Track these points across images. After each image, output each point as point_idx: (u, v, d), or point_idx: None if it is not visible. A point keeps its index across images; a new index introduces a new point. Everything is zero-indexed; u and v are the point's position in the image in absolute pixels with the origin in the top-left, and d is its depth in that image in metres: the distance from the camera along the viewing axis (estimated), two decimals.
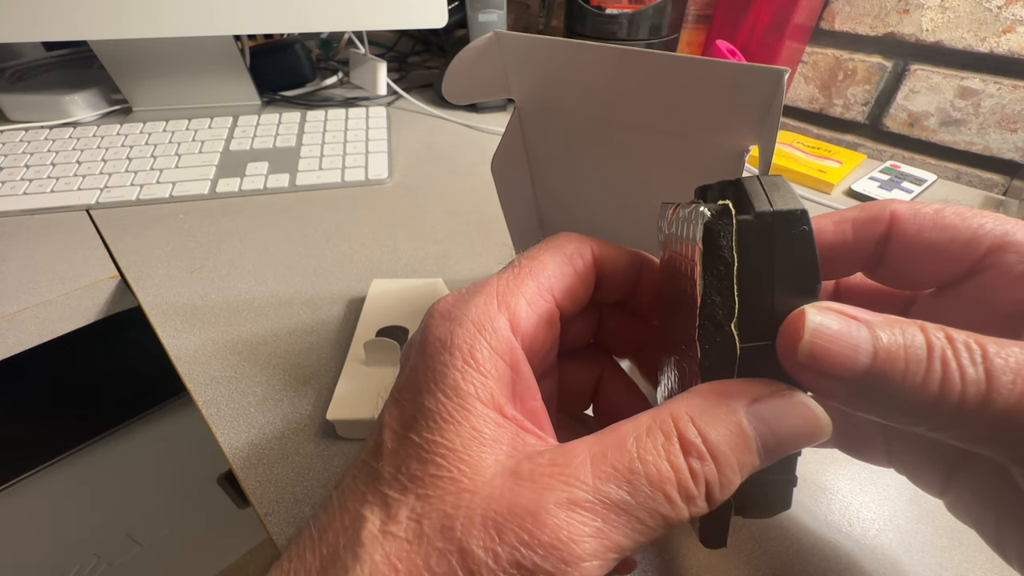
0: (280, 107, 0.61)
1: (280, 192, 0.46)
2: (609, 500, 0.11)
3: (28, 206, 0.42)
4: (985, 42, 0.46)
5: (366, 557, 0.11)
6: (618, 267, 0.17)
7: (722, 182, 0.14)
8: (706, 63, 0.17)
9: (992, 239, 0.13)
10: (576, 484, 0.11)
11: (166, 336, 0.31)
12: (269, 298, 0.34)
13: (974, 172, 0.51)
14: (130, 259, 0.37)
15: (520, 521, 0.11)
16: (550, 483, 0.11)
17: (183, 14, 0.48)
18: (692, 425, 0.11)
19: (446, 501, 0.11)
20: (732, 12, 0.53)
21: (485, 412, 0.12)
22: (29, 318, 0.33)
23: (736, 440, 0.11)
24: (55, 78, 0.58)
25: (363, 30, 0.61)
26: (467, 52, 0.21)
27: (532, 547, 0.10)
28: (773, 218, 0.12)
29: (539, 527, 0.10)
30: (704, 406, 0.12)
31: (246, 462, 0.24)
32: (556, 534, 0.10)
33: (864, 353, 0.11)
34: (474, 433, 0.12)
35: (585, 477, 0.11)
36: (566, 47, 0.20)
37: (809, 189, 0.48)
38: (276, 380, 0.28)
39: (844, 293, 0.18)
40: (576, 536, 0.10)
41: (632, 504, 0.11)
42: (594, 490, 0.11)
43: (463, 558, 0.11)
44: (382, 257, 0.37)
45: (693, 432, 0.11)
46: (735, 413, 0.12)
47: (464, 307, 0.13)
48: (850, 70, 0.54)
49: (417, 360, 0.13)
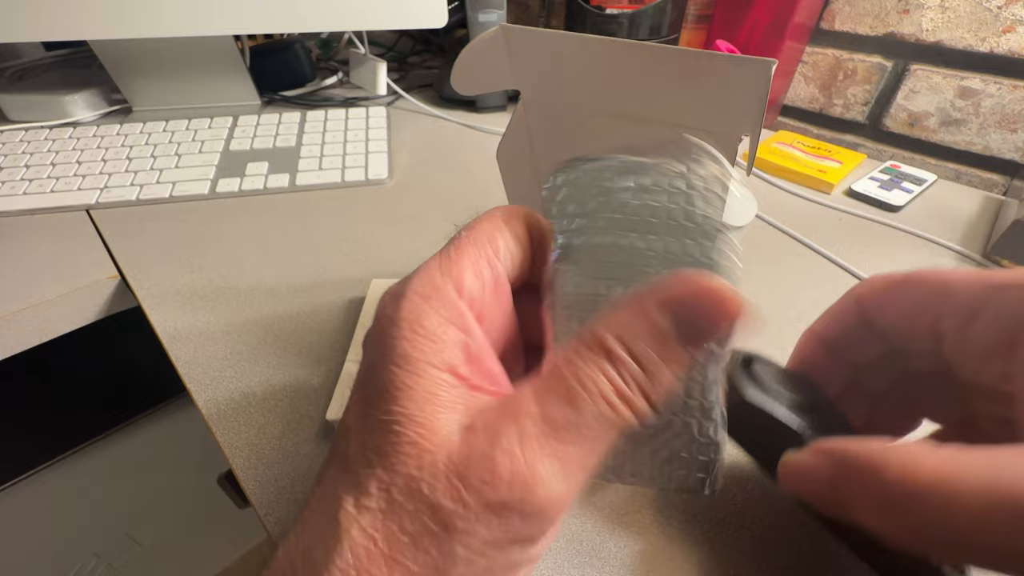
0: (280, 107, 0.61)
1: (280, 192, 0.46)
2: (557, 422, 0.12)
3: (28, 206, 0.42)
4: (985, 42, 0.46)
5: (344, 534, 0.12)
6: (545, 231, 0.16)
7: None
8: (698, 55, 0.18)
9: (933, 311, 0.16)
10: (524, 420, 0.12)
11: (166, 336, 0.31)
12: (269, 298, 0.34)
13: (974, 172, 0.51)
14: (130, 259, 0.37)
15: (480, 465, 0.11)
16: (502, 427, 0.12)
17: (183, 14, 0.48)
18: (610, 336, 0.12)
19: (408, 465, 0.12)
20: (732, 12, 0.53)
21: (438, 375, 0.12)
22: (29, 318, 0.33)
23: (655, 336, 0.12)
24: (55, 78, 0.58)
25: (363, 30, 0.61)
26: (475, 45, 0.22)
27: (496, 485, 0.11)
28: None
29: (497, 465, 0.11)
30: (622, 317, 0.13)
31: (246, 462, 0.24)
32: (514, 466, 0.11)
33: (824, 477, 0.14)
34: (428, 396, 0.12)
35: (531, 410, 0.12)
36: (568, 40, 0.20)
37: (809, 189, 0.47)
38: (276, 380, 0.28)
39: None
40: (533, 461, 0.11)
41: (578, 420, 0.12)
42: (541, 418, 0.12)
43: (434, 514, 0.11)
44: (382, 257, 0.37)
45: (615, 344, 0.12)
46: (649, 313, 0.12)
47: (408, 282, 0.14)
48: (850, 70, 0.54)
49: (371, 340, 0.14)
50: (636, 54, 0.19)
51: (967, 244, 0.40)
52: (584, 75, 0.21)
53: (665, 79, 0.19)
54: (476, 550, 0.11)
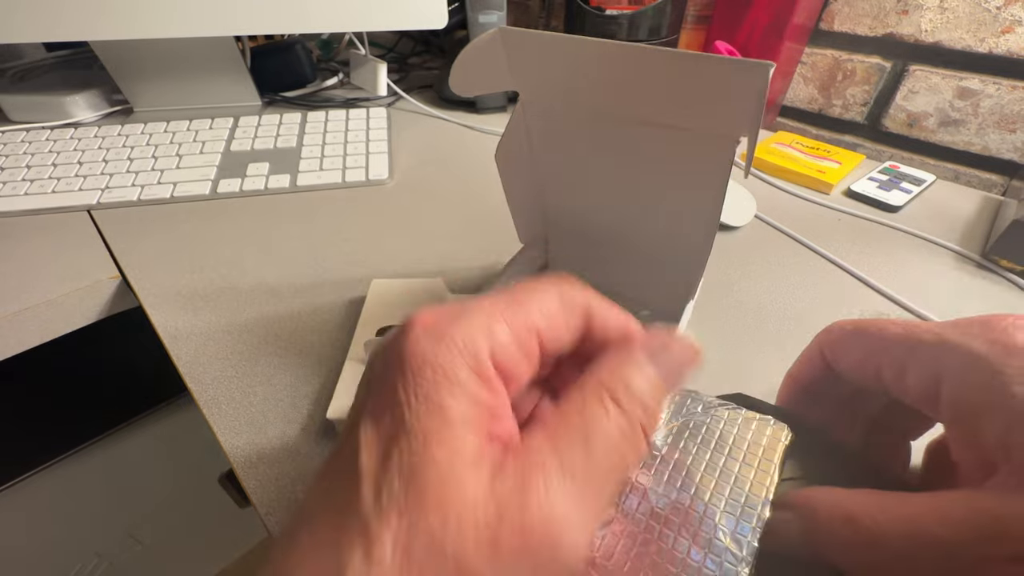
0: (281, 108, 0.61)
1: (281, 193, 0.46)
2: (576, 469, 0.12)
3: (29, 206, 0.42)
4: (984, 43, 0.46)
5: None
6: (607, 327, 0.16)
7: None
8: (696, 57, 0.18)
9: (872, 367, 0.18)
10: (548, 474, 0.12)
11: (167, 336, 0.31)
12: (270, 298, 0.34)
13: (973, 172, 0.51)
14: (131, 259, 0.37)
15: (511, 525, 0.11)
16: (525, 484, 0.12)
17: (184, 15, 0.48)
18: (617, 383, 0.14)
19: (431, 520, 0.11)
20: (731, 13, 0.53)
21: (465, 432, 0.12)
22: (30, 318, 0.33)
23: (648, 383, 0.14)
24: (56, 79, 0.58)
25: (363, 31, 0.61)
26: (473, 46, 0.23)
27: (527, 545, 0.11)
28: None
29: (529, 520, 0.11)
30: (617, 364, 0.14)
31: (247, 461, 0.24)
32: (546, 526, 0.11)
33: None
34: (456, 453, 0.12)
35: (551, 464, 0.12)
36: (566, 42, 0.20)
37: (808, 189, 0.48)
38: (277, 380, 0.28)
39: None
40: (561, 514, 0.12)
41: (594, 463, 0.12)
42: (561, 469, 0.12)
43: (459, 573, 0.11)
44: (383, 257, 0.37)
45: (620, 388, 0.13)
46: (641, 365, 0.14)
47: (448, 326, 0.13)
48: (849, 71, 0.54)
49: (397, 375, 0.13)
50: (633, 56, 0.19)
51: (966, 244, 0.40)
52: (582, 77, 0.22)
53: (662, 81, 0.20)
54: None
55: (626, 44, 0.19)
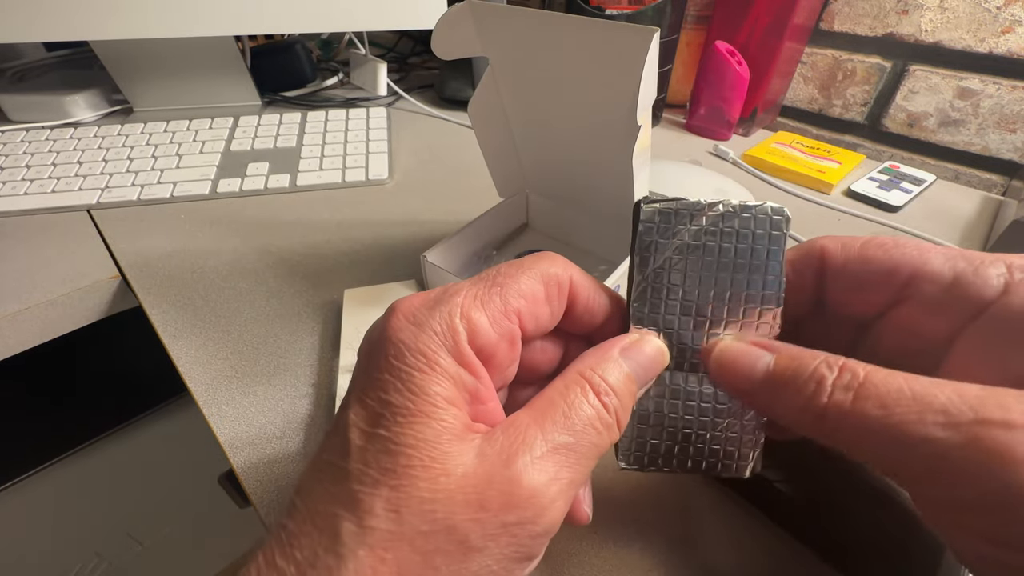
0: (281, 107, 0.61)
1: (281, 192, 0.46)
2: (558, 445, 0.13)
3: (29, 206, 0.42)
4: (984, 43, 0.46)
5: (349, 555, 0.11)
6: (591, 304, 0.17)
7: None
8: (594, 23, 0.23)
9: (909, 270, 0.15)
10: (532, 444, 0.13)
11: (167, 336, 0.31)
12: (270, 298, 0.34)
13: (973, 172, 0.51)
14: (131, 259, 0.37)
15: (499, 488, 0.12)
16: (512, 451, 0.13)
17: (184, 15, 0.48)
18: (596, 375, 0.15)
19: (421, 488, 0.12)
20: (731, 13, 0.53)
21: (449, 411, 0.13)
22: (30, 318, 0.33)
23: (622, 376, 0.15)
24: (56, 78, 0.58)
25: (363, 31, 0.61)
26: (446, 16, 0.27)
27: (514, 505, 0.12)
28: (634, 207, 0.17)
29: (516, 486, 0.12)
30: (597, 362, 0.15)
31: (247, 462, 0.24)
32: (532, 487, 0.12)
33: (761, 369, 0.15)
34: (442, 425, 0.13)
35: (535, 437, 0.13)
36: (522, 14, 0.25)
37: (808, 190, 0.48)
38: (277, 380, 0.28)
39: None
40: (545, 482, 0.13)
41: (574, 443, 0.14)
42: (545, 443, 0.13)
43: (450, 534, 0.12)
44: (383, 257, 0.37)
45: (598, 379, 0.15)
46: (618, 362, 0.15)
47: (429, 313, 0.14)
48: (849, 71, 0.54)
49: (381, 360, 0.14)
50: (560, 25, 0.24)
51: (966, 244, 0.40)
52: (534, 44, 0.26)
53: (582, 44, 0.24)
54: (486, 567, 0.12)
55: (556, 14, 0.24)
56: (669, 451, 0.17)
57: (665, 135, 0.58)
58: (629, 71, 0.22)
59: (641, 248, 0.16)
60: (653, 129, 0.58)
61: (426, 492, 0.12)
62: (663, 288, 0.16)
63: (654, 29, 0.20)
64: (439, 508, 0.12)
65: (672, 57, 0.56)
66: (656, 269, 0.16)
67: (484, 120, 0.32)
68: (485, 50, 0.28)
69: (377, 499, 0.12)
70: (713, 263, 0.16)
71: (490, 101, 0.31)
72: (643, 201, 0.16)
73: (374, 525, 0.12)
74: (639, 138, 0.24)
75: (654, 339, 0.16)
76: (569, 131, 0.30)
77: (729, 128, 0.56)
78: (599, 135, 0.28)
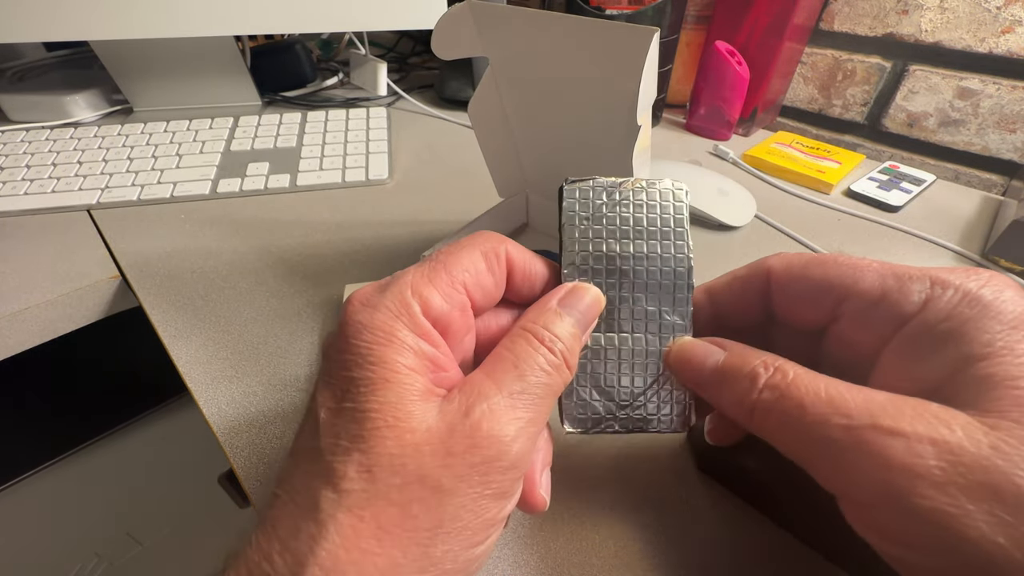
0: (281, 108, 0.61)
1: (281, 192, 0.46)
2: (512, 391, 0.14)
3: (29, 206, 0.42)
4: (984, 43, 0.46)
5: (328, 520, 0.12)
6: (528, 271, 0.18)
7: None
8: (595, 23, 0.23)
9: (842, 288, 0.16)
10: (489, 394, 0.14)
11: (167, 336, 0.31)
12: (270, 298, 0.34)
13: (973, 172, 0.51)
14: (131, 259, 0.37)
15: (461, 433, 0.13)
16: (472, 402, 0.14)
17: (184, 14, 0.48)
18: (537, 325, 0.16)
19: (388, 446, 0.13)
20: (732, 13, 0.53)
21: (410, 374, 0.14)
22: (30, 318, 0.33)
23: (562, 321, 0.16)
24: (56, 78, 0.58)
25: (363, 31, 0.61)
26: (446, 16, 0.27)
27: (477, 446, 0.13)
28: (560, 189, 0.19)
29: (476, 431, 0.13)
30: (537, 315, 0.17)
31: (247, 462, 0.24)
32: (491, 429, 0.13)
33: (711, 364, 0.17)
34: (404, 389, 0.14)
35: (490, 387, 0.14)
36: (522, 14, 0.25)
37: (808, 189, 0.48)
38: (277, 379, 0.28)
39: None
40: (503, 423, 0.14)
41: (527, 386, 0.15)
42: (499, 391, 0.14)
43: (422, 481, 0.13)
44: (383, 257, 0.37)
45: (539, 328, 0.16)
46: (558, 312, 0.17)
47: (381, 295, 0.15)
48: (849, 71, 0.55)
49: (341, 343, 0.14)
50: (560, 25, 0.24)
51: (966, 244, 0.40)
52: (534, 44, 0.26)
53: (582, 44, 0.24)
54: (462, 506, 0.13)
55: (556, 14, 0.24)
56: (610, 412, 0.18)
57: (665, 135, 0.58)
58: (629, 71, 0.22)
59: (567, 220, 0.18)
60: (653, 129, 0.58)
61: (394, 449, 0.13)
62: (588, 254, 0.18)
63: (654, 29, 0.21)
64: (408, 461, 0.13)
65: (672, 57, 0.56)
66: (580, 237, 0.18)
67: (484, 120, 0.32)
68: (485, 50, 0.28)
69: (350, 464, 0.13)
70: (629, 231, 0.18)
71: (490, 101, 0.31)
72: (565, 182, 0.19)
73: (349, 487, 0.12)
74: (639, 138, 0.24)
75: (586, 285, 0.18)
76: (569, 131, 0.30)
77: (729, 128, 0.56)
78: (599, 135, 0.28)
